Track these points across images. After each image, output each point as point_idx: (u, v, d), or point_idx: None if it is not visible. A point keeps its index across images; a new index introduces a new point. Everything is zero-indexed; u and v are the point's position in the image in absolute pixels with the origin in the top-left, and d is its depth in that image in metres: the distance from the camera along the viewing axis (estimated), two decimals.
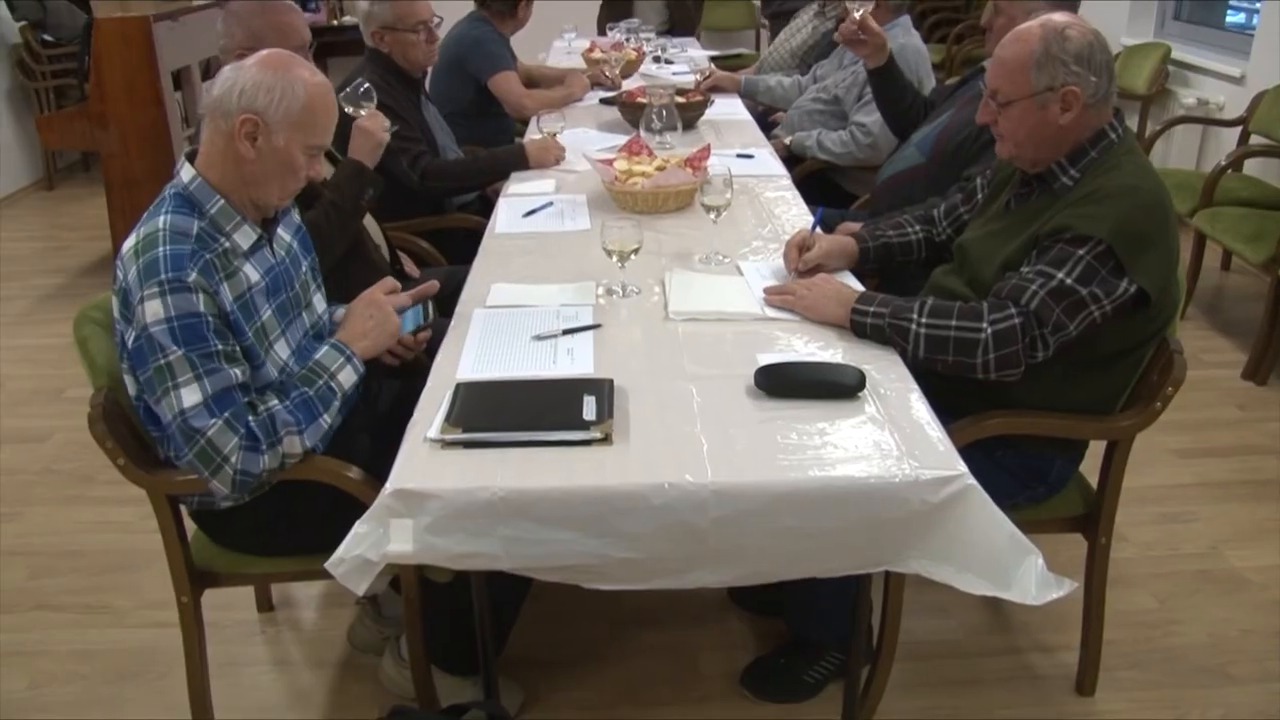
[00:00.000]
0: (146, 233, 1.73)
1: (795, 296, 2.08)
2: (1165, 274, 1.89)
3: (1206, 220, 4.06)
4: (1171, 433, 3.29)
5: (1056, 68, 1.89)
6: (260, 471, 1.73)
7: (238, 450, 1.70)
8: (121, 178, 4.69)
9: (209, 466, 1.70)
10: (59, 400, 3.75)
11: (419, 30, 3.15)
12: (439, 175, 3.14)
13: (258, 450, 1.72)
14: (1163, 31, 5.93)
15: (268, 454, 1.73)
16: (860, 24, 3.12)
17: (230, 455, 1.70)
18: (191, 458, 1.70)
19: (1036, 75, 1.90)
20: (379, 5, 3.11)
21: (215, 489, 1.75)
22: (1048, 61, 1.89)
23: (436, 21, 3.23)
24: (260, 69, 1.79)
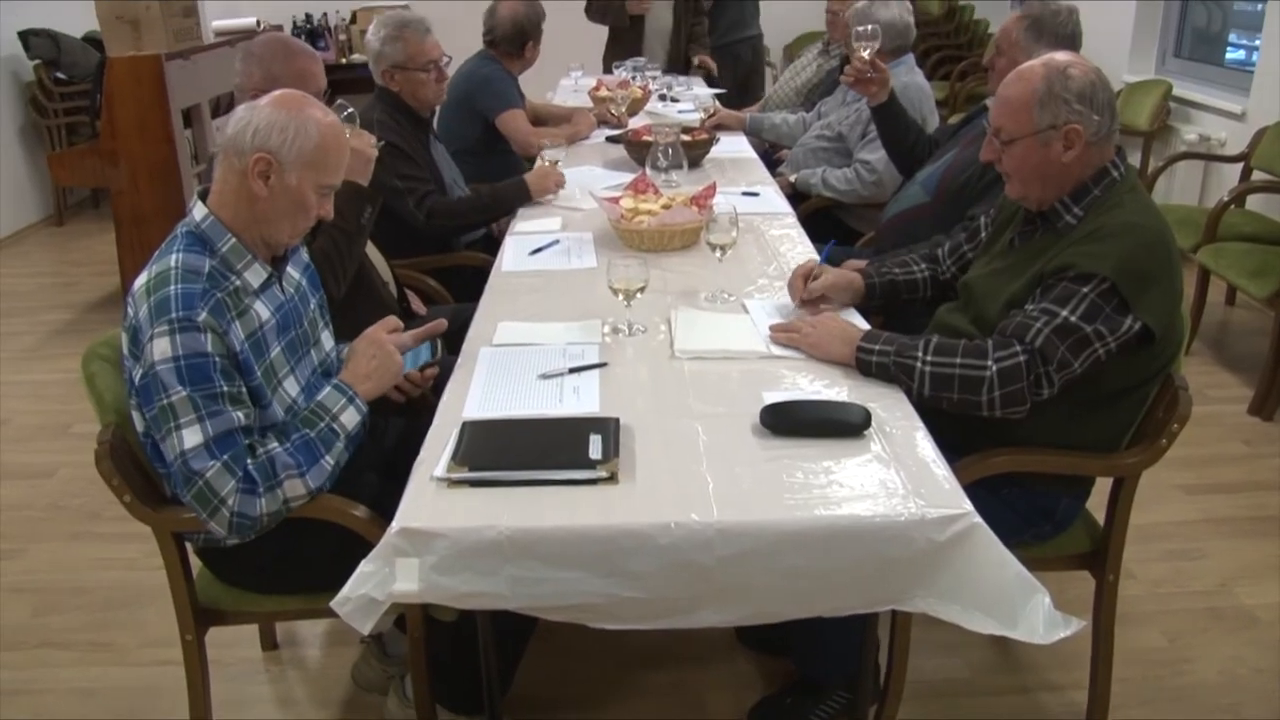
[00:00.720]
0: (158, 271, 1.74)
1: (800, 335, 2.09)
2: (1169, 311, 1.89)
3: (1210, 256, 4.07)
4: (1178, 469, 3.28)
5: (1059, 106, 1.90)
6: (258, 515, 1.72)
7: (235, 493, 1.70)
8: (131, 214, 4.73)
9: (206, 508, 1.70)
10: (65, 436, 3.76)
11: (429, 69, 3.18)
12: (444, 214, 3.16)
13: (255, 493, 1.71)
14: (1163, 68, 5.98)
15: (265, 497, 1.73)
16: (874, 65, 3.14)
17: (227, 498, 1.70)
18: (190, 499, 1.70)
19: (1039, 113, 1.92)
20: (390, 45, 3.14)
21: (213, 530, 1.75)
22: (1050, 100, 1.91)
23: (445, 60, 3.26)
24: (274, 109, 1.81)
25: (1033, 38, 2.70)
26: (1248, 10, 5.42)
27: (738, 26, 5.99)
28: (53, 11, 6.60)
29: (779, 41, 8.31)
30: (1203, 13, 5.87)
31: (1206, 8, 5.83)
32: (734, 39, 5.98)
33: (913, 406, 1.88)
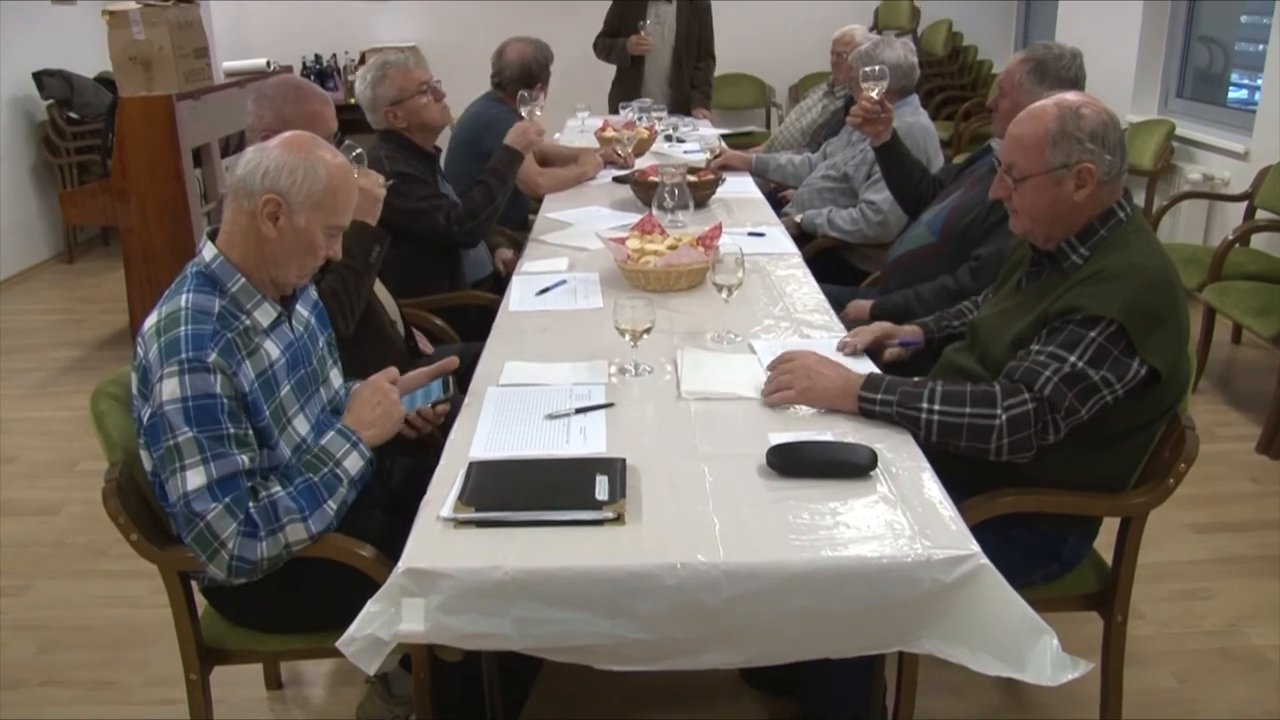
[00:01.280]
0: (169, 311, 1.75)
1: (796, 391, 2.03)
2: (1176, 351, 1.89)
3: (1215, 294, 4.08)
4: (1186, 508, 3.27)
5: (1071, 145, 1.91)
6: (258, 559, 1.72)
7: (235, 536, 1.70)
8: (140, 252, 4.76)
9: (206, 550, 1.70)
10: (72, 473, 3.77)
11: (424, 92, 3.23)
12: (469, 215, 3.22)
13: (256, 537, 1.71)
14: (1166, 109, 6.02)
15: (266, 541, 1.72)
16: (882, 105, 3.17)
17: (228, 541, 1.70)
18: (190, 540, 1.71)
19: (1052, 152, 1.93)
20: (380, 86, 3.19)
21: (212, 573, 1.75)
22: (1063, 139, 1.92)
23: (436, 81, 3.31)
24: (283, 150, 1.83)
25: (1035, 80, 2.72)
26: (1249, 51, 5.46)
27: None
28: (66, 52, 6.69)
29: (784, 82, 8.38)
30: (1205, 53, 5.91)
31: (1208, 48, 5.88)
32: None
33: (919, 447, 1.89)
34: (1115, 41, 6.19)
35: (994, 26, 8.27)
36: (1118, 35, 6.17)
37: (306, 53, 8.22)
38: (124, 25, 4.66)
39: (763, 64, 8.33)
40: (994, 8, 8.31)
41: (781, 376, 2.06)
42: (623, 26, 5.82)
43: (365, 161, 2.53)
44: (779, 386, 2.05)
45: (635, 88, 5.83)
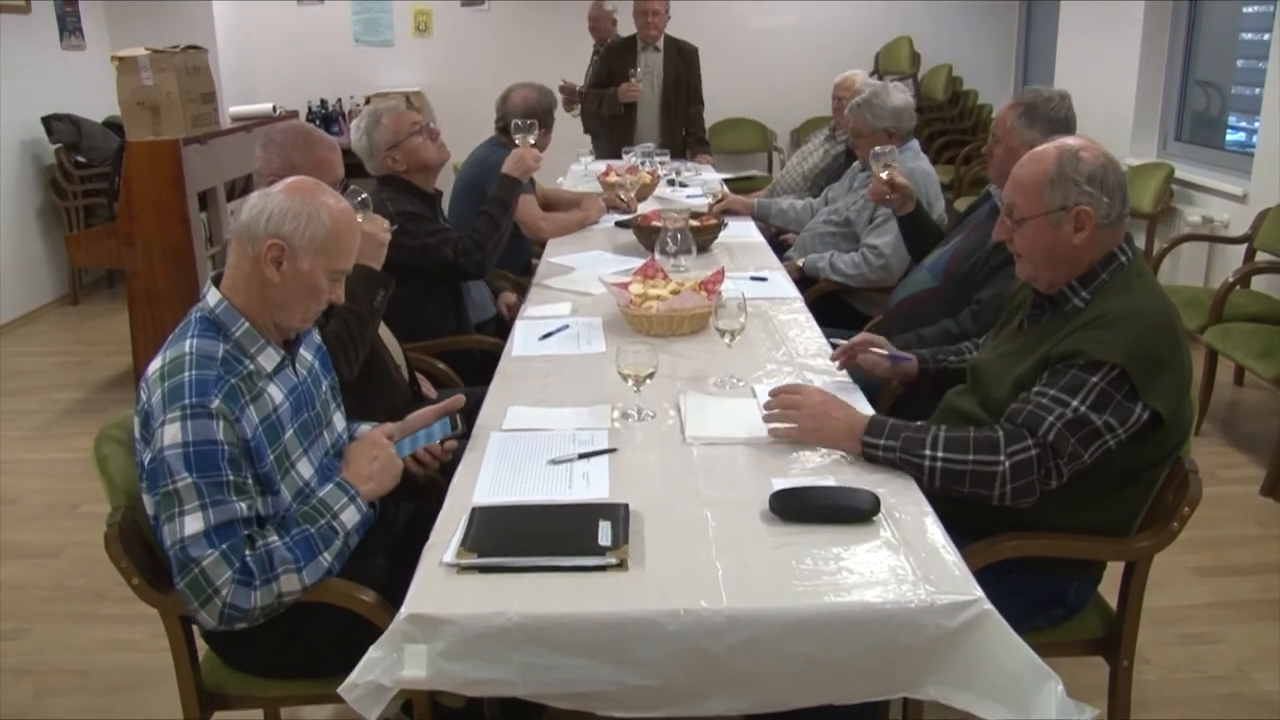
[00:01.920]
0: (173, 356, 1.76)
1: (800, 429, 2.06)
2: (1178, 395, 1.90)
3: (1217, 336, 4.09)
4: (1191, 551, 3.25)
5: (1069, 187, 1.93)
6: (251, 608, 1.72)
7: (230, 584, 1.69)
8: (145, 294, 4.78)
9: (199, 597, 1.69)
10: (73, 515, 3.76)
11: (419, 132, 3.25)
12: (475, 246, 3.23)
13: (250, 586, 1.71)
14: (1165, 152, 6.06)
15: (260, 590, 1.72)
16: (889, 182, 3.19)
17: (222, 588, 1.69)
18: (184, 586, 1.70)
19: (1050, 194, 1.94)
20: (375, 132, 3.21)
21: (202, 620, 1.74)
22: (1061, 181, 1.93)
23: (428, 122, 3.34)
24: (287, 196, 1.85)
25: (1027, 124, 2.75)
26: (1246, 94, 5.51)
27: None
28: (76, 97, 6.76)
29: (786, 126, 8.46)
30: (1202, 97, 5.97)
31: (1206, 92, 5.93)
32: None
33: (921, 492, 1.89)
34: (1113, 86, 6.26)
35: (994, 71, 8.36)
36: (1116, 79, 6.24)
37: (312, 98, 8.30)
38: (133, 70, 4.71)
39: (764, 108, 8.42)
40: (993, 52, 8.41)
41: (787, 411, 2.07)
42: (612, 77, 5.92)
43: (370, 206, 2.55)
44: (783, 419, 2.07)
45: (627, 136, 5.92)
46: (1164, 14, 5.96)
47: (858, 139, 3.81)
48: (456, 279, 3.30)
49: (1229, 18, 5.67)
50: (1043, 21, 7.93)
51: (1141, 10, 5.97)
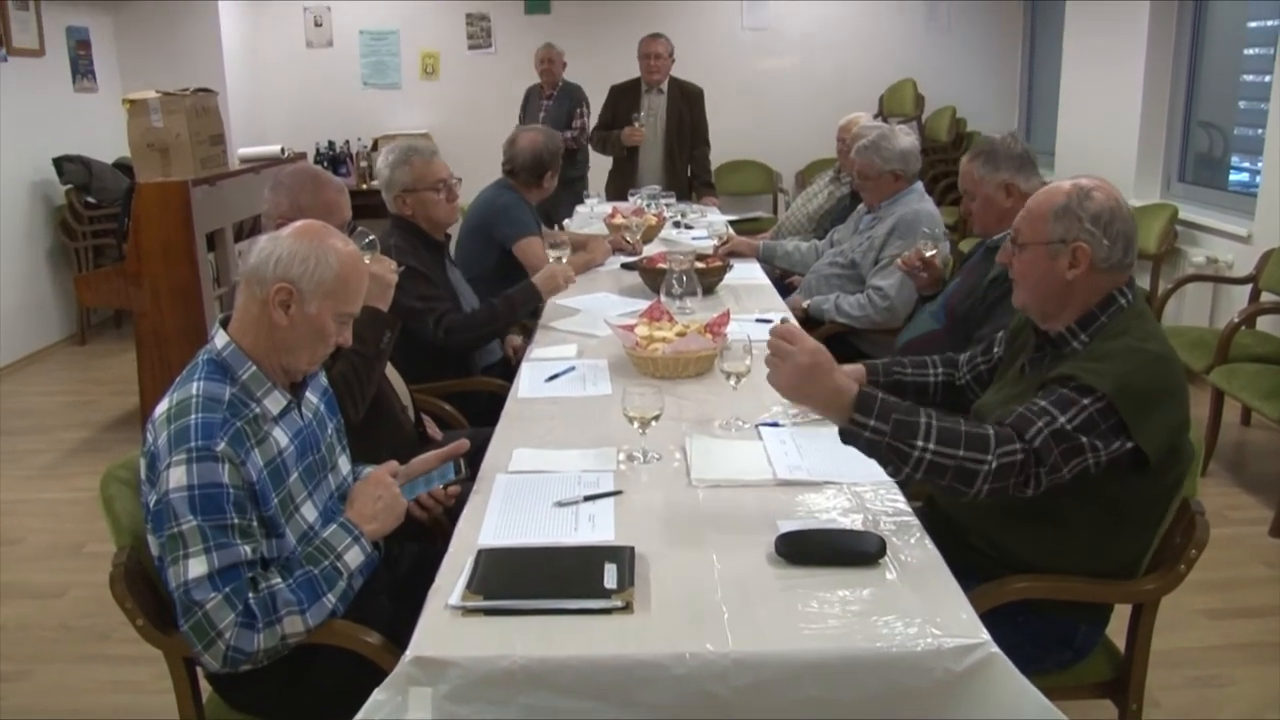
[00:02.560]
0: (179, 399, 1.77)
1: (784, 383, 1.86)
2: (1169, 438, 1.88)
3: (1223, 377, 4.08)
4: (1200, 593, 3.23)
5: (1072, 222, 1.94)
6: (254, 650, 1.72)
7: (234, 627, 1.69)
8: (153, 334, 4.80)
9: (203, 640, 1.69)
10: (78, 555, 3.75)
11: (439, 189, 3.26)
12: (463, 329, 3.23)
13: (253, 629, 1.71)
14: (1168, 193, 6.08)
15: (264, 633, 1.72)
16: (926, 262, 3.20)
17: (225, 631, 1.69)
18: (188, 629, 1.70)
19: (1053, 224, 1.96)
20: (398, 170, 3.24)
21: (206, 663, 1.73)
22: (1066, 214, 1.95)
23: (455, 180, 3.34)
24: (295, 239, 1.87)
25: (991, 169, 2.80)
26: (1248, 135, 5.55)
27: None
28: (87, 138, 6.84)
29: (791, 168, 8.52)
30: (1205, 138, 6.00)
31: (1208, 133, 5.97)
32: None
33: (900, 490, 1.89)
34: (1116, 126, 6.30)
35: (997, 112, 8.41)
36: (1119, 120, 6.28)
37: (320, 139, 8.38)
38: (143, 113, 4.76)
39: (769, 150, 8.48)
40: (997, 94, 8.47)
41: (773, 359, 1.88)
42: (616, 119, 5.98)
43: (377, 247, 2.57)
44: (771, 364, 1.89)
45: (631, 177, 5.98)
46: (1166, 56, 6.01)
47: (864, 180, 3.84)
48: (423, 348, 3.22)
49: (1230, 59, 5.71)
50: (1045, 63, 8.00)
51: (1144, 52, 6.02)
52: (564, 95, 6.75)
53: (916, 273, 3.24)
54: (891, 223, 3.70)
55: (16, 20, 6.32)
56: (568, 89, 6.77)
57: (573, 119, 6.61)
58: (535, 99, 6.89)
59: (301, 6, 8.35)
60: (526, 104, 6.98)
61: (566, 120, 6.61)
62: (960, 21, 8.38)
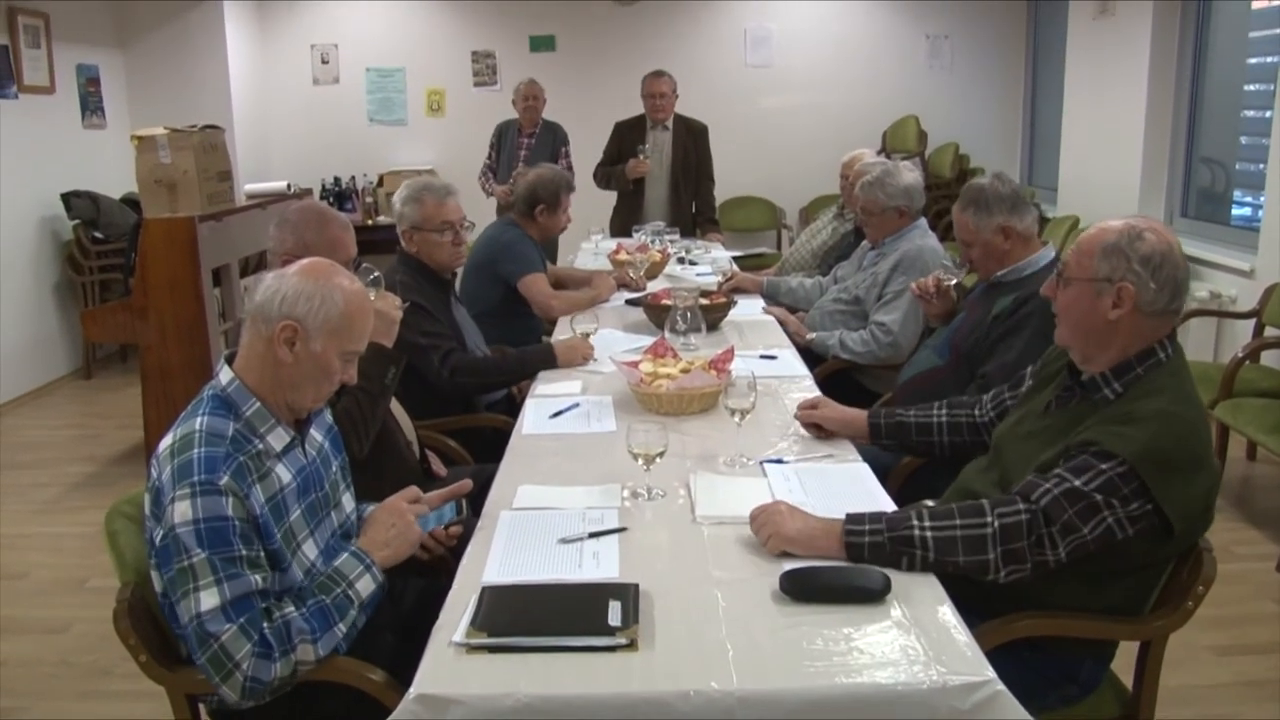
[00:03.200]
0: (183, 434, 1.78)
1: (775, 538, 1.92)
2: (1196, 508, 1.86)
3: (1228, 412, 4.08)
4: (1207, 629, 3.20)
5: (1120, 261, 1.90)
6: (271, 679, 1.72)
7: (250, 657, 1.70)
8: (158, 369, 4.81)
9: (220, 672, 1.69)
10: (81, 590, 3.74)
11: (445, 231, 3.25)
12: (468, 372, 3.22)
13: (270, 658, 1.71)
14: (1171, 228, 6.04)
15: (280, 662, 1.72)
16: (939, 291, 3.20)
17: (242, 662, 1.69)
18: (204, 661, 1.70)
19: (1100, 262, 1.92)
20: (409, 206, 3.25)
21: (225, 695, 1.73)
22: (1115, 253, 1.91)
23: (467, 224, 3.35)
24: (301, 278, 1.88)
25: (984, 215, 2.82)
26: (1250, 170, 5.57)
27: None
28: (95, 174, 6.89)
29: (795, 204, 8.56)
30: (1207, 173, 6.03)
31: (1210, 168, 6.00)
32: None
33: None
34: (1119, 162, 6.33)
35: (1000, 148, 8.46)
36: (1121, 156, 6.31)
37: (326, 175, 8.43)
38: (152, 149, 4.79)
39: (773, 186, 8.52)
40: (999, 130, 8.52)
41: (764, 526, 1.95)
42: (622, 155, 6.00)
43: (382, 284, 2.58)
44: (762, 534, 1.96)
45: (636, 214, 5.99)
46: (1167, 92, 6.05)
47: (868, 217, 3.85)
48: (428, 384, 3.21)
49: (1231, 95, 5.75)
50: (1047, 99, 8.05)
51: (1145, 88, 6.06)
52: (546, 133, 6.65)
53: (929, 298, 3.23)
54: (895, 259, 3.71)
55: (28, 58, 6.39)
56: (549, 127, 6.68)
57: (559, 158, 6.54)
58: (511, 137, 6.72)
59: (309, 44, 8.43)
60: (500, 142, 6.79)
61: (552, 159, 6.51)
62: (962, 58, 8.44)
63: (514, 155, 6.63)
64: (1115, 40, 6.41)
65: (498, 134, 6.82)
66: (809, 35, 8.39)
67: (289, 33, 8.42)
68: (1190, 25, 5.93)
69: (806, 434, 2.59)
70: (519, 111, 6.68)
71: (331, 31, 8.42)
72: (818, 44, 8.40)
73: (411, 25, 8.41)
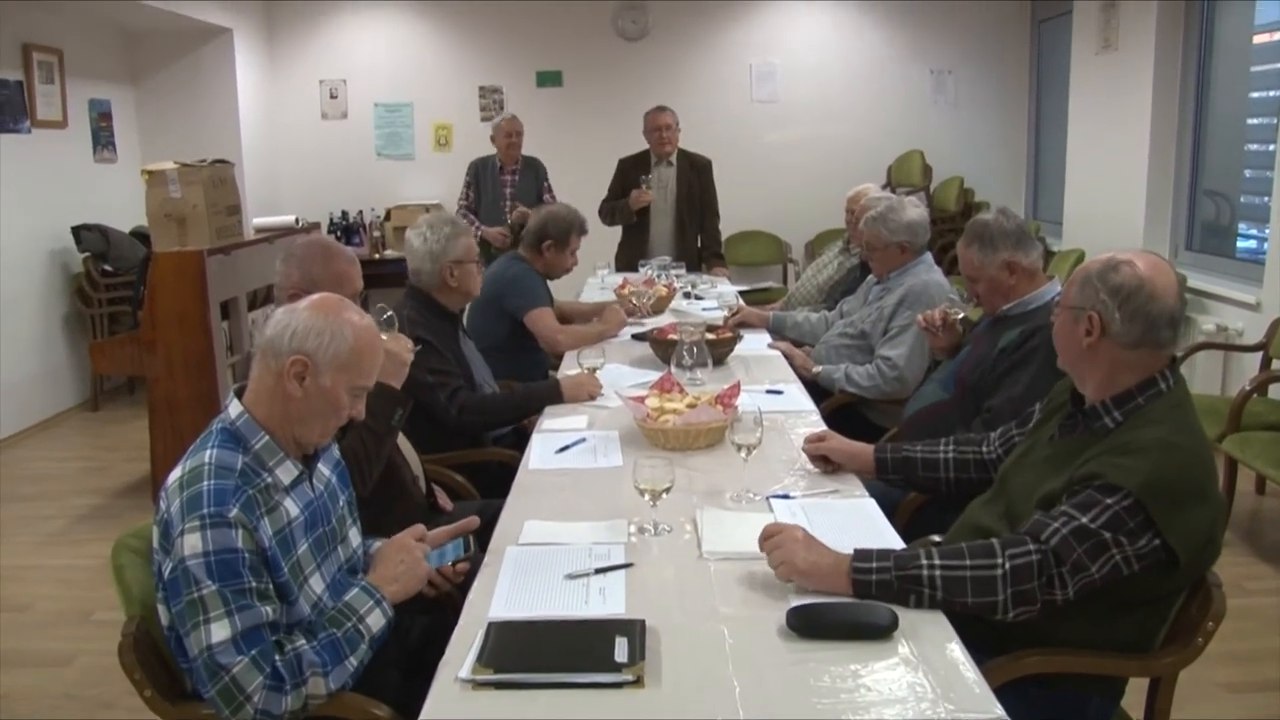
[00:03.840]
0: (192, 466, 1.78)
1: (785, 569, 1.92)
2: (1200, 539, 1.86)
3: (1236, 445, 4.07)
4: (1218, 665, 3.18)
5: (1091, 291, 1.96)
6: (281, 713, 1.71)
7: (261, 690, 1.69)
8: (165, 401, 4.82)
9: (230, 705, 1.69)
10: (86, 623, 3.74)
11: (478, 261, 3.37)
12: (476, 409, 3.23)
13: (281, 691, 1.71)
14: (1177, 261, 6.10)
15: (291, 694, 1.72)
16: (945, 324, 3.20)
17: (253, 694, 1.69)
18: (214, 694, 1.70)
19: (1079, 291, 1.98)
20: (452, 243, 3.27)
21: None
22: (1089, 283, 1.97)
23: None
24: (311, 313, 1.90)
25: (989, 250, 2.83)
26: (1254, 203, 5.59)
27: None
28: (105, 207, 6.95)
29: (800, 238, 8.58)
30: (1211, 206, 6.04)
31: (1214, 201, 6.01)
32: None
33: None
34: (1123, 196, 6.35)
35: (1005, 182, 8.50)
36: (1125, 189, 6.33)
37: (334, 209, 8.48)
38: (162, 183, 4.82)
39: (779, 221, 8.55)
40: (1004, 164, 8.56)
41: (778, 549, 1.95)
42: (625, 190, 6.01)
43: (395, 325, 2.59)
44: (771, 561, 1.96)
45: (641, 248, 5.99)
46: (1170, 125, 6.08)
47: (872, 251, 3.87)
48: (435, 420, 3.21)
49: (1234, 129, 5.78)
50: (1051, 132, 8.09)
51: (1148, 121, 6.09)
52: (528, 169, 6.61)
53: (935, 331, 3.24)
54: (900, 293, 3.72)
55: (41, 94, 6.46)
56: (530, 163, 6.64)
57: (542, 193, 6.53)
58: (491, 174, 6.60)
59: (318, 79, 8.51)
60: (479, 179, 6.62)
61: (537, 195, 6.51)
62: (966, 93, 8.50)
63: (499, 193, 6.56)
64: (1118, 74, 6.44)
65: (474, 172, 6.67)
66: (813, 70, 8.45)
67: (298, 68, 8.51)
68: (1192, 60, 5.96)
69: (813, 469, 2.59)
70: (501, 149, 6.57)
71: (340, 66, 8.51)
72: (822, 79, 8.47)
73: (419, 60, 8.49)
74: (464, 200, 6.66)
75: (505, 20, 8.39)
